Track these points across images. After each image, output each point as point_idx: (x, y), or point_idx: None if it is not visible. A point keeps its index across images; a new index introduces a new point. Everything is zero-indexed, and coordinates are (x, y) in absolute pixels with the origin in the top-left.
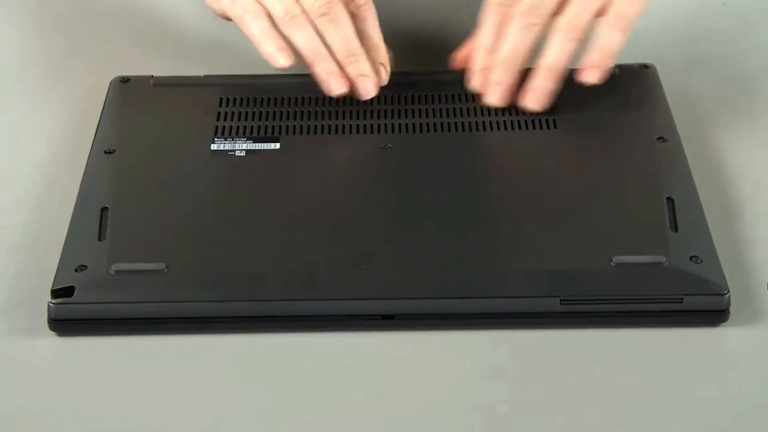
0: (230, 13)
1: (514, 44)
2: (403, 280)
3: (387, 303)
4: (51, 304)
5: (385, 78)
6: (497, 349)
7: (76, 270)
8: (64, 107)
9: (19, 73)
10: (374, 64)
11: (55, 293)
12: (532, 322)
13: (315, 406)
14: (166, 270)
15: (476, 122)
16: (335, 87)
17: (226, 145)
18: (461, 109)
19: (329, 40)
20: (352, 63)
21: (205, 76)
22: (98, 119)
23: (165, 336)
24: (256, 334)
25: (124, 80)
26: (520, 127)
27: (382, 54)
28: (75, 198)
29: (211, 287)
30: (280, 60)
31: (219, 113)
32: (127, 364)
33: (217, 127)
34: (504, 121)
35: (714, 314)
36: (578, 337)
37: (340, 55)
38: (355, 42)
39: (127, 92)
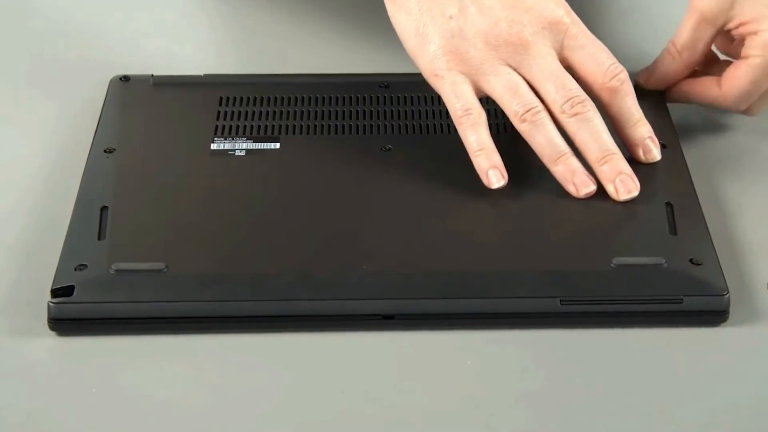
0: (449, 109)
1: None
2: (403, 280)
3: (387, 303)
4: (51, 304)
5: (657, 153)
6: (497, 349)
7: (75, 269)
8: (63, 106)
9: (19, 72)
10: (642, 140)
11: (55, 293)
12: (531, 322)
13: (315, 406)
14: (165, 269)
15: None
16: (582, 186)
17: (226, 145)
18: None
19: (579, 139)
20: (608, 162)
21: (205, 76)
22: (98, 118)
23: (165, 336)
24: (255, 334)
25: (124, 79)
26: None
27: (647, 128)
28: (75, 197)
29: (211, 287)
30: (495, 183)
31: (219, 113)
32: (127, 363)
33: (217, 126)
34: (504, 123)
35: (714, 315)
36: (578, 337)
37: (594, 155)
38: (610, 139)
39: (127, 91)
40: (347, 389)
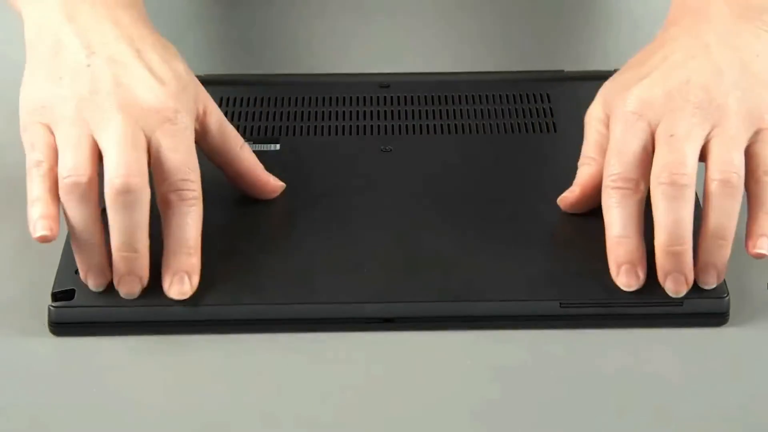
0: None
1: (673, 227)
2: (404, 283)
3: (387, 306)
4: (51, 308)
5: (188, 289)
6: (497, 350)
7: (76, 272)
8: None
9: (19, 71)
10: (178, 271)
11: (56, 296)
12: (531, 325)
13: (314, 406)
14: None
15: (476, 124)
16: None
17: None
18: (461, 110)
19: (114, 225)
20: (128, 260)
21: (205, 76)
22: None
23: (165, 337)
24: (255, 335)
25: None
26: (520, 130)
27: (194, 261)
28: None
29: (211, 290)
30: (39, 231)
31: None
32: (127, 364)
33: None
34: (504, 124)
35: (714, 317)
36: (578, 339)
37: (118, 243)
38: (145, 236)
39: None
40: (346, 391)
